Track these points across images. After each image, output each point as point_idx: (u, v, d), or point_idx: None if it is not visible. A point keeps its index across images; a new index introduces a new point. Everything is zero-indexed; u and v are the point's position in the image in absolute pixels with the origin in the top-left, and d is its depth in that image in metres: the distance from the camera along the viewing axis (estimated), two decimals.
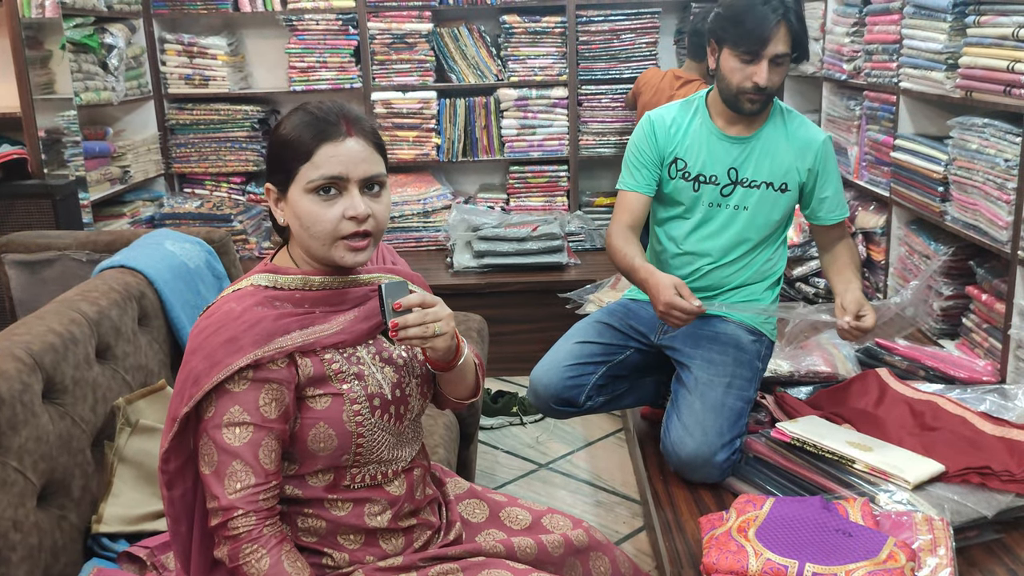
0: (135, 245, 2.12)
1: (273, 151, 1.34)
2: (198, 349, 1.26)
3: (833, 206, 2.20)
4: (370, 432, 1.34)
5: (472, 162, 4.26)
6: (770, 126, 2.15)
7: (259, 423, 1.25)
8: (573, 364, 2.20)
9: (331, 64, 4.08)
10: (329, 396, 1.31)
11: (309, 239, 1.32)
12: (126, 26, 3.77)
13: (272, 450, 1.27)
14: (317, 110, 1.33)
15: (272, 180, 1.35)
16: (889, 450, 1.91)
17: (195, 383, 1.25)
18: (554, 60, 4.12)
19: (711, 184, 2.16)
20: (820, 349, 2.45)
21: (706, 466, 1.96)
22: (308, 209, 1.30)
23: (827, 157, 2.16)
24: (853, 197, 3.41)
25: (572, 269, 3.76)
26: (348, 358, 1.34)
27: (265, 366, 1.26)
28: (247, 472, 1.24)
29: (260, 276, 1.35)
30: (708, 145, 2.16)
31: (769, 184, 2.14)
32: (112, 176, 3.65)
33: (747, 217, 2.15)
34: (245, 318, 1.27)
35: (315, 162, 1.29)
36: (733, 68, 2.05)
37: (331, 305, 1.35)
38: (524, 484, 2.84)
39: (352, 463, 1.35)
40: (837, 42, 3.36)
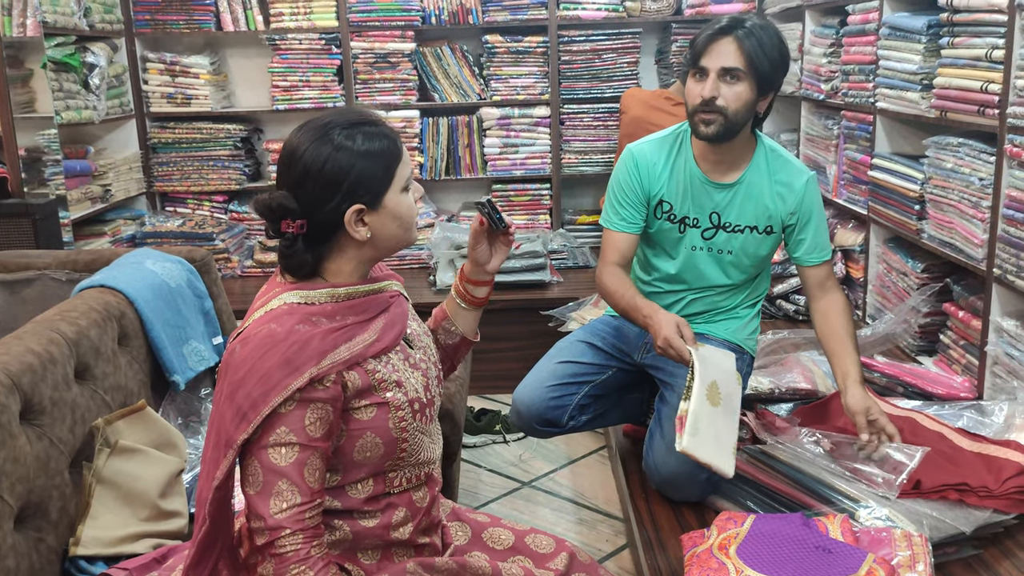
0: (116, 264, 2.11)
1: (362, 169, 1.31)
2: (250, 374, 1.25)
3: (812, 247, 2.12)
4: (412, 436, 1.38)
5: (455, 180, 4.27)
6: (753, 169, 2.10)
7: (305, 443, 1.26)
8: (556, 384, 2.20)
9: (314, 83, 4.09)
10: (375, 406, 1.33)
11: (405, 232, 1.38)
12: (108, 45, 3.77)
13: (316, 468, 1.27)
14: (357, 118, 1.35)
15: (360, 200, 1.32)
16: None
17: (253, 407, 1.24)
18: (536, 79, 4.15)
19: (694, 227, 2.13)
20: (799, 366, 2.47)
21: (688, 484, 1.97)
22: (408, 204, 1.36)
23: (807, 198, 2.09)
24: (832, 215, 3.44)
25: (555, 287, 3.77)
26: (386, 366, 1.37)
27: (313, 386, 1.26)
28: (293, 492, 1.25)
29: (290, 294, 1.34)
30: (692, 189, 2.11)
31: (753, 228, 2.11)
32: (93, 195, 3.63)
33: (732, 259, 2.13)
34: (294, 339, 1.27)
35: (404, 160, 1.36)
36: (689, 88, 2.02)
37: (361, 314, 1.37)
38: (507, 502, 2.84)
39: (393, 468, 1.38)
40: (815, 62, 3.41)
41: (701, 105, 1.98)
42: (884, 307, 3.03)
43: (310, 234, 1.33)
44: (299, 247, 1.33)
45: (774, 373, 2.45)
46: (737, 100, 1.97)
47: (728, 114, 1.97)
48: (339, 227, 1.33)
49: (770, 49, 1.96)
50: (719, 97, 1.96)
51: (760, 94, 2.00)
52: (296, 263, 1.35)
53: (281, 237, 1.33)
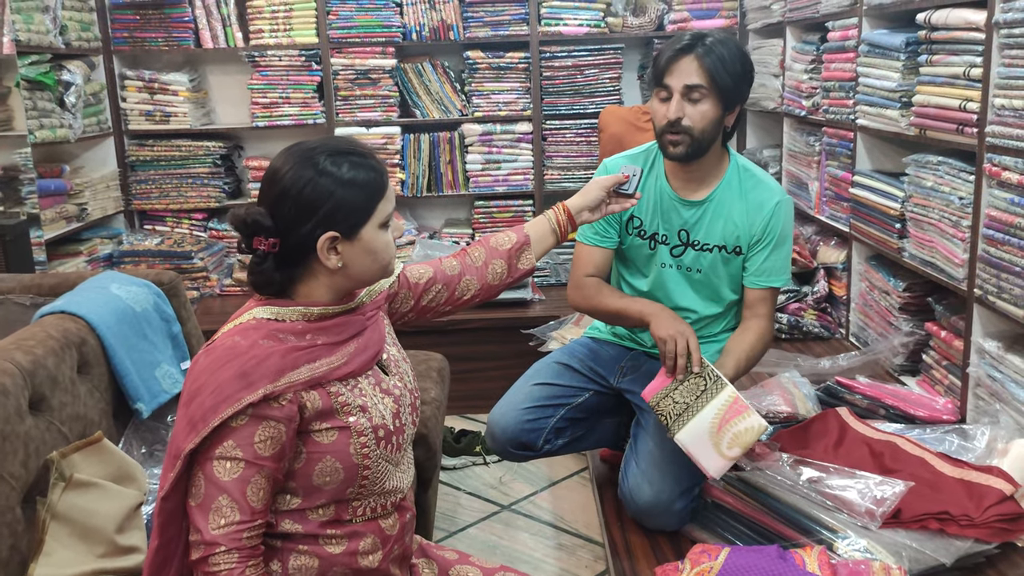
0: (79, 289, 2.06)
1: (342, 198, 1.30)
2: (205, 385, 1.24)
3: (760, 270, 2.06)
4: (375, 463, 1.34)
5: (437, 197, 4.24)
6: (724, 187, 2.07)
7: (251, 459, 1.23)
8: (531, 407, 2.16)
9: (294, 100, 4.05)
10: (336, 429, 1.31)
11: (379, 269, 1.37)
12: (85, 63, 3.73)
13: (261, 488, 1.25)
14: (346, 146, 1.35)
15: (335, 228, 1.31)
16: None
17: (203, 418, 1.23)
18: (518, 95, 4.12)
19: (663, 244, 2.11)
20: (780, 388, 2.43)
21: (664, 514, 1.92)
22: (384, 241, 1.36)
23: (775, 220, 2.05)
24: (815, 232, 3.42)
25: (536, 305, 3.73)
26: (352, 389, 1.34)
27: (268, 403, 1.24)
28: (233, 508, 1.22)
29: (261, 309, 1.33)
30: (662, 206, 2.10)
31: (722, 247, 2.07)
32: (68, 214, 3.58)
33: (702, 279, 2.10)
34: (254, 352, 1.26)
35: (388, 197, 1.35)
36: (655, 109, 2.02)
37: (332, 337, 1.35)
38: (485, 527, 2.79)
39: (356, 496, 1.35)
40: (796, 79, 3.39)
41: (667, 126, 1.98)
42: (867, 326, 3.00)
43: (282, 254, 1.32)
44: (268, 266, 1.32)
45: (754, 395, 2.41)
46: (703, 119, 1.96)
47: (695, 133, 1.97)
48: (311, 251, 1.32)
49: (731, 64, 1.96)
50: (684, 117, 1.95)
51: (726, 109, 2.00)
52: (263, 280, 1.34)
53: (252, 253, 1.33)
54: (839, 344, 3.11)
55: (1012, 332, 2.23)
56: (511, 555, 2.61)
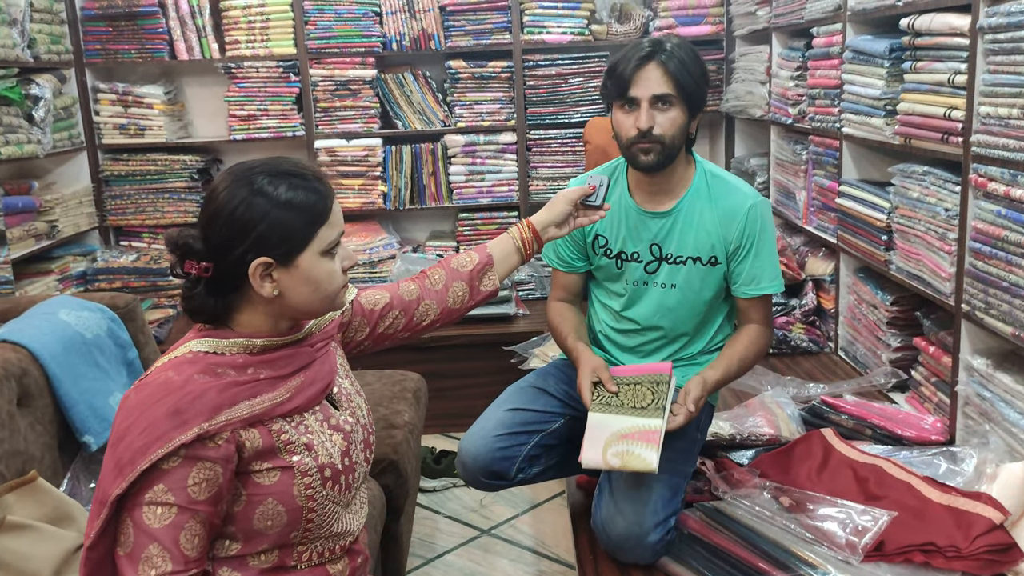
0: (25, 316, 1.98)
1: (275, 222, 1.21)
2: (135, 424, 1.15)
3: (750, 278, 1.98)
4: (321, 505, 1.26)
5: (420, 210, 4.15)
6: (692, 195, 2.00)
7: (184, 504, 1.14)
8: (503, 434, 2.06)
9: (272, 112, 3.97)
10: (278, 470, 1.22)
11: (321, 299, 1.27)
12: (55, 76, 3.64)
13: (196, 535, 1.15)
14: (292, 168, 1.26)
15: (269, 254, 1.22)
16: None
17: (131, 460, 1.13)
18: (501, 105, 4.04)
19: (634, 262, 2.04)
20: (763, 409, 2.34)
21: (638, 547, 1.83)
22: (326, 270, 1.27)
23: (751, 224, 1.97)
24: (803, 243, 3.33)
25: (520, 320, 3.65)
26: (297, 427, 1.26)
27: (203, 443, 1.15)
28: (164, 558, 1.13)
29: (198, 342, 1.24)
30: (627, 221, 2.03)
31: (696, 259, 1.99)
32: (37, 231, 3.50)
33: (678, 295, 2.02)
34: (188, 388, 1.17)
35: (331, 222, 1.27)
36: (619, 121, 1.94)
37: (276, 370, 1.26)
38: (464, 552, 2.70)
39: (300, 540, 1.26)
40: (782, 86, 3.31)
41: (638, 137, 1.90)
42: (856, 340, 2.91)
43: (215, 279, 1.24)
44: (200, 291, 1.24)
45: (736, 416, 2.32)
46: (673, 126, 1.90)
47: (666, 141, 1.91)
48: (246, 277, 1.23)
49: (693, 67, 1.91)
50: (655, 126, 1.88)
51: (691, 115, 1.94)
52: (195, 307, 1.26)
53: (184, 277, 1.25)
54: (828, 359, 3.02)
55: (1001, 349, 2.14)
56: None
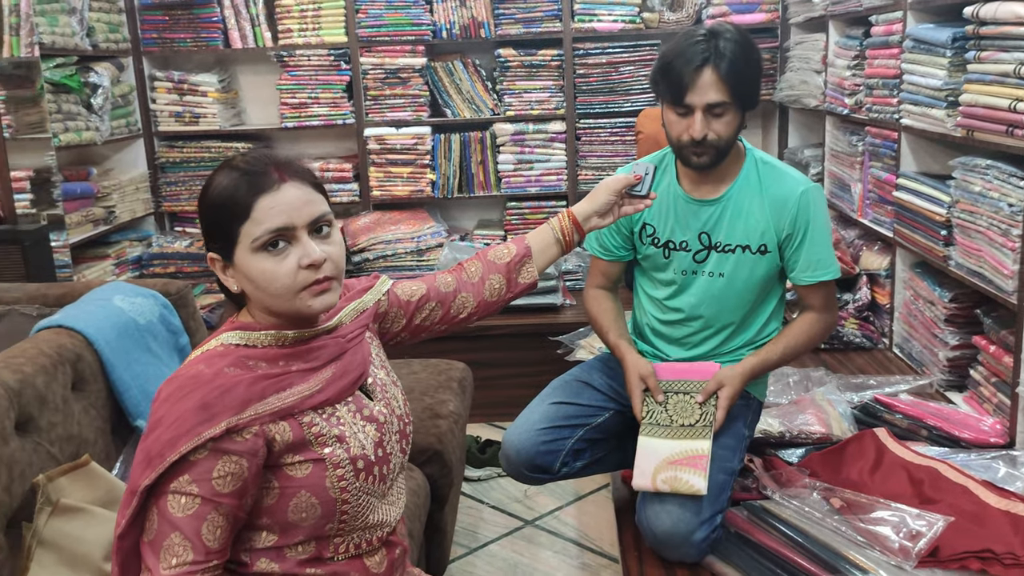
0: (80, 301, 2.02)
1: (207, 217, 1.24)
2: (165, 417, 1.16)
3: (806, 264, 1.95)
4: (355, 497, 1.25)
5: (468, 198, 4.15)
6: (742, 184, 1.97)
7: (208, 496, 1.15)
8: (548, 427, 2.05)
9: (323, 100, 4.00)
10: (310, 462, 1.22)
11: (270, 299, 1.23)
12: (113, 64, 3.72)
13: (218, 526, 1.16)
14: (243, 163, 1.23)
15: (213, 249, 1.24)
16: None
17: (160, 453, 1.15)
18: (551, 94, 4.01)
19: (683, 251, 2.01)
20: (814, 406, 2.29)
21: (683, 545, 1.81)
22: (260, 268, 1.20)
23: (804, 210, 1.93)
24: (858, 236, 3.25)
25: (567, 310, 3.62)
26: (328, 419, 1.25)
27: (230, 436, 1.16)
28: (186, 547, 1.14)
29: (230, 334, 1.25)
30: (676, 210, 2.00)
31: (746, 247, 1.95)
32: (95, 217, 3.57)
33: (724, 283, 1.98)
34: (218, 382, 1.17)
35: (255, 218, 1.20)
36: (671, 121, 1.91)
37: (307, 362, 1.26)
38: (507, 543, 2.70)
39: (336, 532, 1.26)
40: (839, 75, 3.22)
41: (691, 144, 1.88)
42: (911, 337, 2.83)
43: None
44: (216, 278, 1.28)
45: (786, 413, 2.28)
46: (727, 129, 1.87)
47: (720, 144, 1.88)
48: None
49: (749, 69, 1.87)
50: (709, 132, 1.85)
51: (745, 112, 1.91)
52: (226, 293, 1.30)
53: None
54: (881, 355, 2.95)
55: None
56: (532, 574, 2.51)
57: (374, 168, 4.05)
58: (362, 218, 4.04)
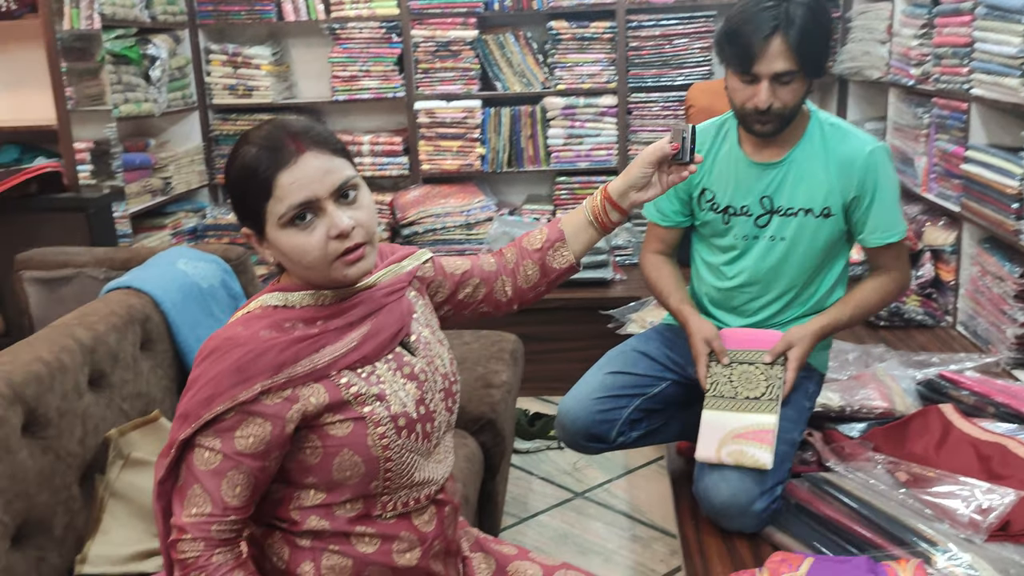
0: (147, 264, 2.05)
1: (233, 196, 1.24)
2: (202, 375, 1.19)
3: (875, 226, 1.92)
4: (398, 455, 1.25)
5: (518, 172, 4.13)
6: (805, 146, 1.93)
7: (229, 454, 1.18)
8: (604, 396, 2.05)
9: (374, 73, 4.00)
10: (350, 421, 1.22)
11: (305, 271, 1.23)
12: (170, 37, 3.76)
13: (237, 484, 1.18)
14: (259, 139, 1.20)
15: (246, 224, 1.25)
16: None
17: (195, 412, 1.17)
18: (603, 67, 3.97)
19: (743, 215, 1.97)
20: (875, 381, 2.25)
21: (742, 515, 1.79)
22: (291, 243, 1.20)
23: (872, 171, 1.89)
24: (921, 211, 3.18)
25: (617, 285, 3.60)
26: (367, 378, 1.25)
27: (260, 399, 1.17)
28: (205, 499, 1.18)
29: (269, 295, 1.27)
30: (736, 174, 1.97)
31: (808, 211, 1.92)
32: (152, 188, 3.63)
33: (786, 248, 1.95)
34: (251, 346, 1.19)
35: (277, 196, 1.18)
36: (735, 88, 1.88)
37: (342, 319, 1.26)
38: (557, 514, 2.70)
39: (383, 490, 1.26)
40: (905, 45, 3.14)
41: (755, 113, 1.85)
42: (977, 314, 2.76)
43: None
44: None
45: (846, 388, 2.24)
46: (794, 97, 1.84)
47: (785, 113, 1.85)
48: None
49: (818, 36, 1.82)
50: (775, 102, 1.82)
51: (811, 82, 1.87)
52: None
53: None
54: (944, 333, 2.89)
55: None
56: (583, 545, 2.51)
57: (424, 142, 4.05)
58: (411, 192, 4.05)
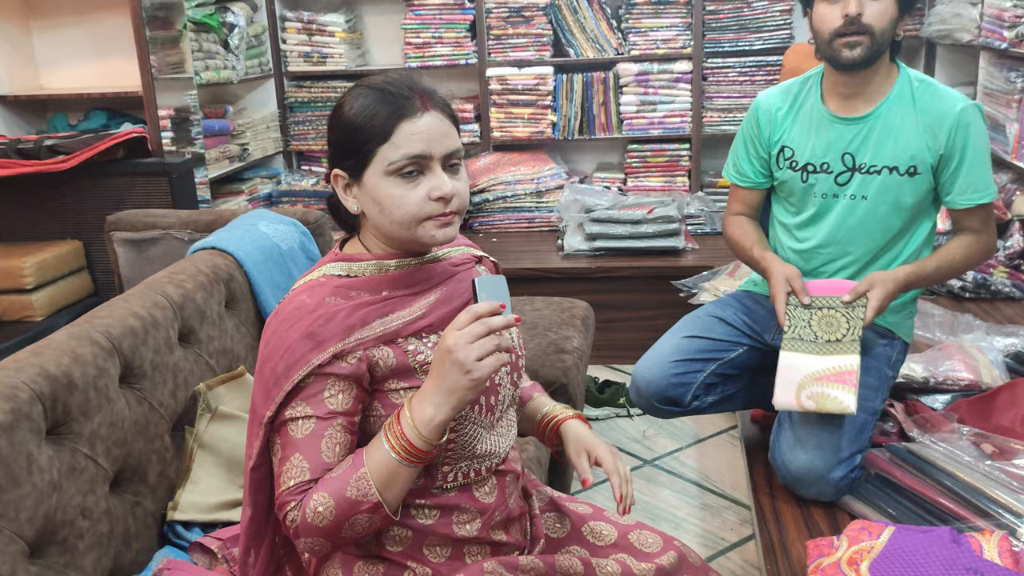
0: (230, 226, 2.11)
1: (342, 134, 1.23)
2: (276, 348, 1.20)
3: (964, 187, 1.85)
4: (461, 426, 1.26)
5: (589, 140, 4.11)
6: (893, 101, 1.87)
7: (322, 415, 1.19)
8: (680, 360, 2.04)
9: (446, 39, 4.01)
10: (414, 389, 1.23)
11: (391, 224, 1.23)
12: (248, 5, 3.82)
13: (337, 442, 1.19)
14: (388, 85, 1.22)
15: (341, 166, 1.24)
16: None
17: (276, 383, 1.19)
18: (678, 32, 3.90)
19: (823, 173, 1.93)
20: (961, 352, 2.19)
21: (820, 483, 1.77)
22: (390, 193, 1.20)
23: (963, 129, 1.83)
24: (1011, 180, 3.06)
25: (689, 254, 3.56)
26: (433, 347, 1.25)
27: (336, 361, 1.19)
28: (303, 467, 1.18)
29: (332, 265, 1.28)
30: (818, 130, 1.92)
31: (893, 168, 1.86)
32: (231, 154, 3.71)
33: (868, 207, 1.90)
34: (320, 312, 1.20)
35: (395, 142, 1.19)
36: (823, 14, 1.83)
37: (409, 287, 1.27)
38: None
39: (444, 460, 1.27)
40: (997, 6, 3.00)
41: (845, 25, 1.79)
42: None
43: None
44: (334, 200, 1.30)
45: (930, 359, 2.18)
46: (883, 17, 1.79)
47: (876, 33, 1.79)
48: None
49: None
50: (864, 14, 1.77)
51: (902, 11, 1.82)
52: (336, 216, 1.33)
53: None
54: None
55: None
56: (653, 511, 2.52)
57: (495, 109, 4.05)
58: (482, 159, 4.05)
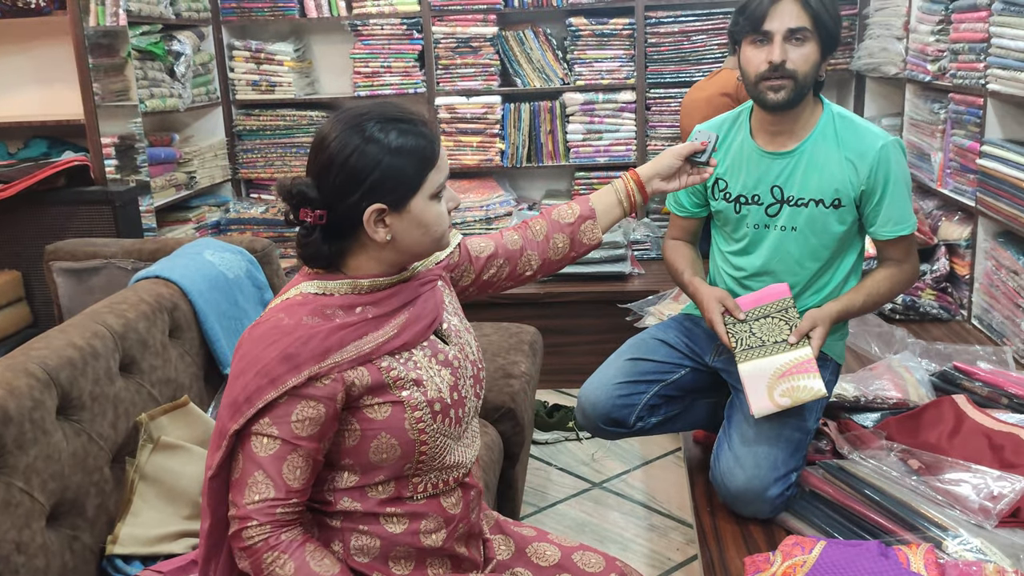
0: (174, 255, 2.10)
1: (388, 170, 1.23)
2: (250, 365, 1.22)
3: (886, 219, 1.93)
4: (432, 439, 1.30)
5: (537, 168, 4.17)
6: (817, 137, 1.95)
7: (287, 438, 1.21)
8: (624, 382, 2.08)
9: (395, 69, 4.05)
10: (389, 405, 1.27)
11: (431, 242, 1.32)
12: (194, 33, 3.82)
13: (298, 467, 1.22)
14: (400, 115, 1.27)
15: (384, 200, 1.25)
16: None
17: (247, 400, 1.20)
18: (622, 63, 4.00)
19: (755, 204, 2.00)
20: (890, 372, 2.27)
21: (757, 500, 1.82)
22: (436, 212, 1.29)
23: (884, 165, 1.90)
24: (936, 206, 3.19)
25: (635, 279, 3.63)
26: (405, 363, 1.29)
27: (311, 383, 1.21)
28: (268, 485, 1.21)
29: (308, 284, 1.30)
30: (748, 164, 1.99)
31: (819, 201, 1.94)
32: (177, 182, 3.70)
33: (798, 238, 1.97)
34: (298, 333, 1.22)
35: (440, 166, 1.29)
36: (749, 58, 1.89)
37: (382, 308, 1.30)
38: (575, 503, 2.74)
39: (415, 472, 1.31)
40: (921, 41, 3.15)
41: (769, 70, 1.86)
42: (992, 308, 2.77)
43: (330, 226, 1.26)
44: (316, 238, 1.27)
45: (861, 379, 2.26)
46: (806, 62, 1.86)
47: (798, 77, 1.86)
48: (359, 224, 1.25)
49: (830, 5, 1.86)
50: (788, 60, 1.84)
51: (824, 55, 1.89)
52: (311, 254, 1.29)
53: (300, 225, 1.27)
54: (959, 327, 2.90)
55: None
56: (600, 533, 2.55)
57: (444, 137, 4.10)
58: None
